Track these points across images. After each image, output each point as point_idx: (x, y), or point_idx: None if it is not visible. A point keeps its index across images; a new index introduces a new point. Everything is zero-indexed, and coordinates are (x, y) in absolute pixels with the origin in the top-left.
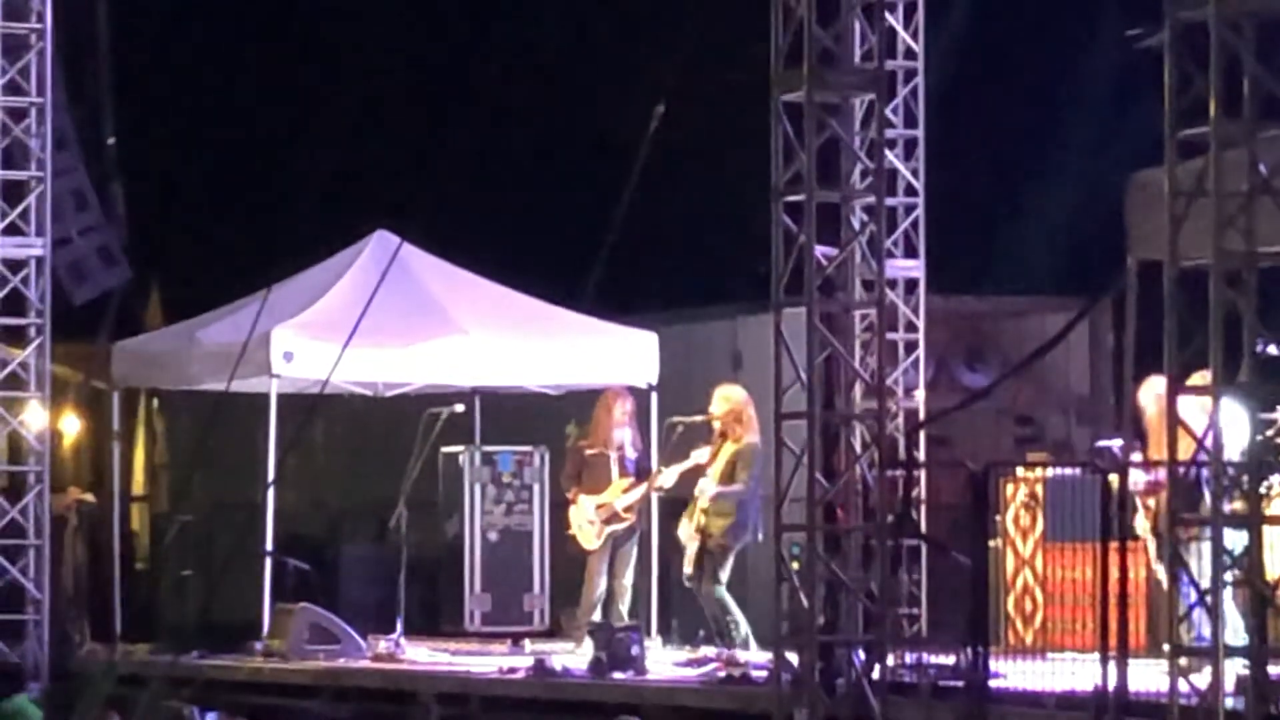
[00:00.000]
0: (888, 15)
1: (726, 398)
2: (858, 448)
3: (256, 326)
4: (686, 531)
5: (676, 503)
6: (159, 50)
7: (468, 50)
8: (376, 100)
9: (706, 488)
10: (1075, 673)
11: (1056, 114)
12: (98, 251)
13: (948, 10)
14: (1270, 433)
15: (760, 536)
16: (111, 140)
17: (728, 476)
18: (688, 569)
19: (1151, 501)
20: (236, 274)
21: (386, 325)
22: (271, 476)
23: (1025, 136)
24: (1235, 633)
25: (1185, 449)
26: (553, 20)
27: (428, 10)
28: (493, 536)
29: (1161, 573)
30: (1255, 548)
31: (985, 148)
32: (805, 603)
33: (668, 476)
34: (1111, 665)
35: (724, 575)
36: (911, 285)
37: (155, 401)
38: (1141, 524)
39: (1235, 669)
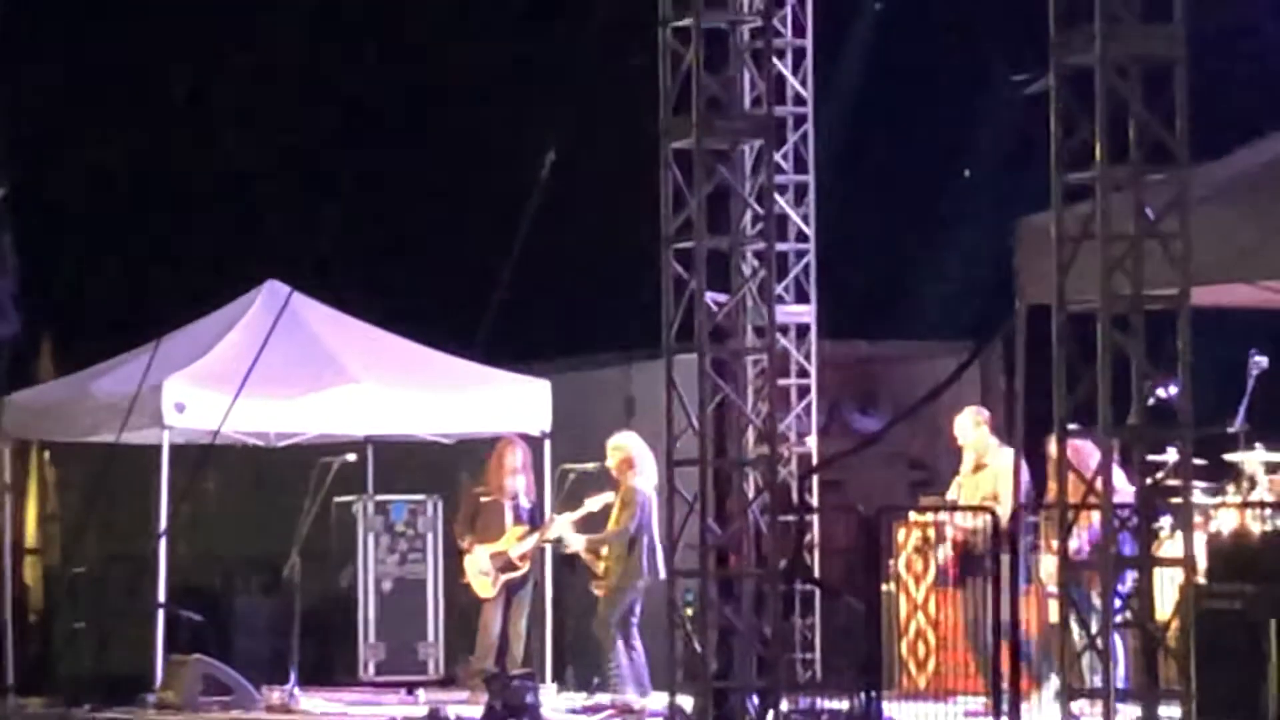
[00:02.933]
0: (776, 61)
1: (617, 447)
2: (750, 493)
3: (148, 377)
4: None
5: (572, 552)
6: (49, 103)
7: (358, 101)
8: (267, 151)
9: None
10: (969, 716)
11: (947, 159)
12: None
13: (837, 58)
14: (1160, 475)
15: (661, 575)
16: (2, 191)
17: (614, 521)
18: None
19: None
20: (128, 325)
21: (278, 375)
22: (163, 527)
23: (915, 181)
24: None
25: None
26: (444, 69)
27: (317, 60)
28: (386, 586)
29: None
30: (1145, 589)
31: (875, 193)
32: (699, 648)
33: (560, 525)
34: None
35: (615, 617)
36: (803, 331)
37: (47, 453)
38: (1046, 568)
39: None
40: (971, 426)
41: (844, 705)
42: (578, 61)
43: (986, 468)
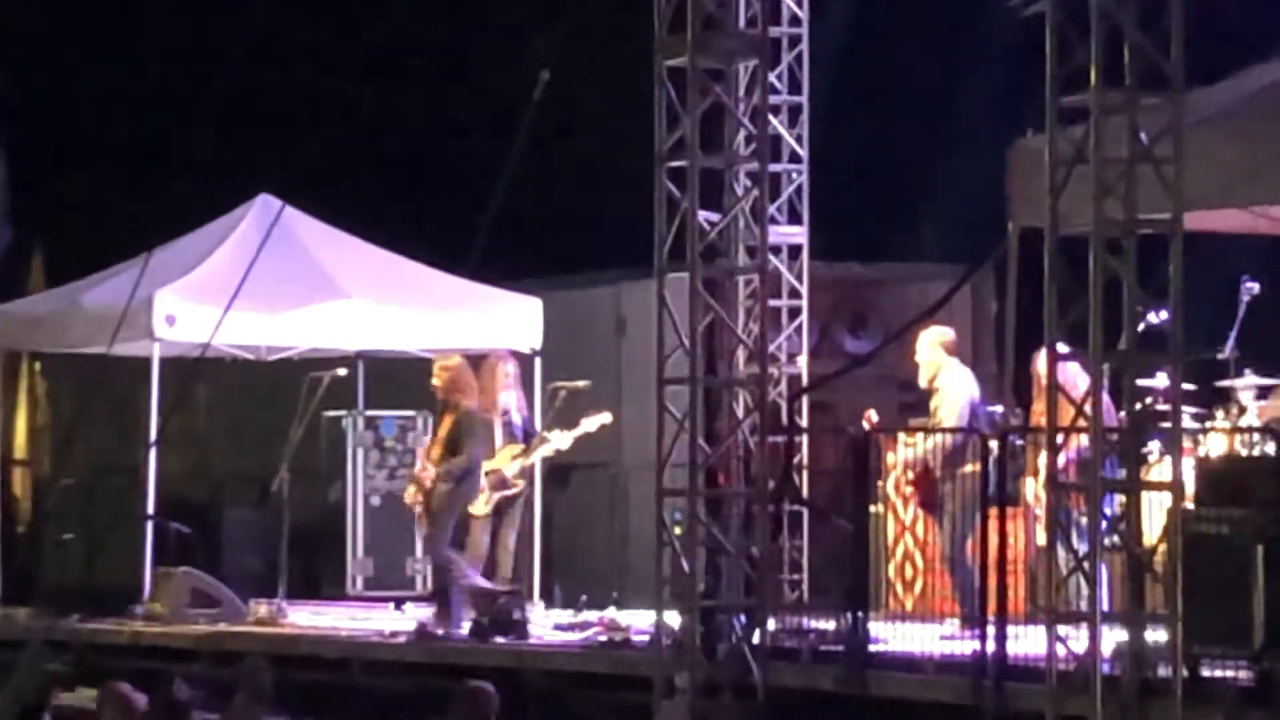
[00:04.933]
0: None
1: (445, 366)
2: (740, 413)
3: (139, 290)
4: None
5: (561, 469)
6: (43, 15)
7: (354, 16)
8: (261, 64)
9: (428, 469)
10: (955, 637)
11: (942, 80)
12: None
13: None
14: (1149, 400)
15: (484, 507)
16: None
17: (449, 449)
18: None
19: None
20: (120, 237)
21: (269, 289)
22: (153, 439)
23: (910, 102)
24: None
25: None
26: None
27: None
28: (375, 501)
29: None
30: (1133, 513)
31: (870, 114)
32: (686, 568)
33: (563, 439)
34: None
35: (445, 538)
36: (795, 251)
37: (37, 365)
38: (1030, 489)
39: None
40: (926, 347)
41: (831, 626)
42: None
43: (938, 390)
